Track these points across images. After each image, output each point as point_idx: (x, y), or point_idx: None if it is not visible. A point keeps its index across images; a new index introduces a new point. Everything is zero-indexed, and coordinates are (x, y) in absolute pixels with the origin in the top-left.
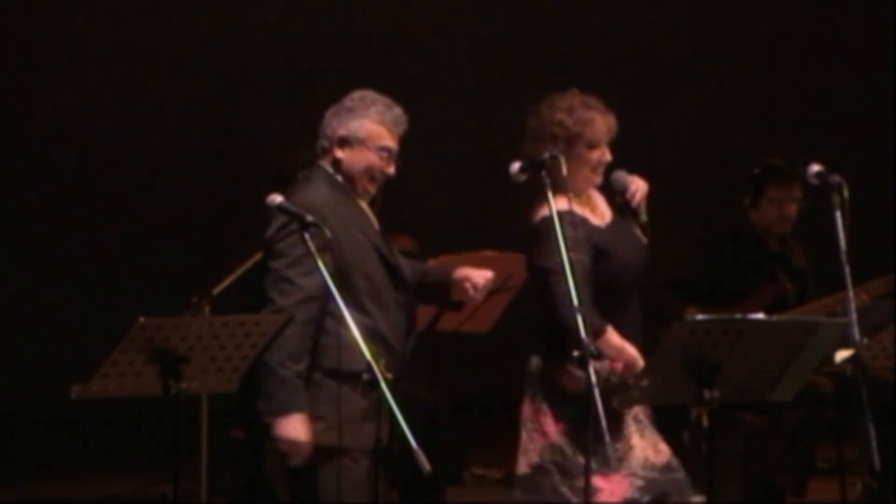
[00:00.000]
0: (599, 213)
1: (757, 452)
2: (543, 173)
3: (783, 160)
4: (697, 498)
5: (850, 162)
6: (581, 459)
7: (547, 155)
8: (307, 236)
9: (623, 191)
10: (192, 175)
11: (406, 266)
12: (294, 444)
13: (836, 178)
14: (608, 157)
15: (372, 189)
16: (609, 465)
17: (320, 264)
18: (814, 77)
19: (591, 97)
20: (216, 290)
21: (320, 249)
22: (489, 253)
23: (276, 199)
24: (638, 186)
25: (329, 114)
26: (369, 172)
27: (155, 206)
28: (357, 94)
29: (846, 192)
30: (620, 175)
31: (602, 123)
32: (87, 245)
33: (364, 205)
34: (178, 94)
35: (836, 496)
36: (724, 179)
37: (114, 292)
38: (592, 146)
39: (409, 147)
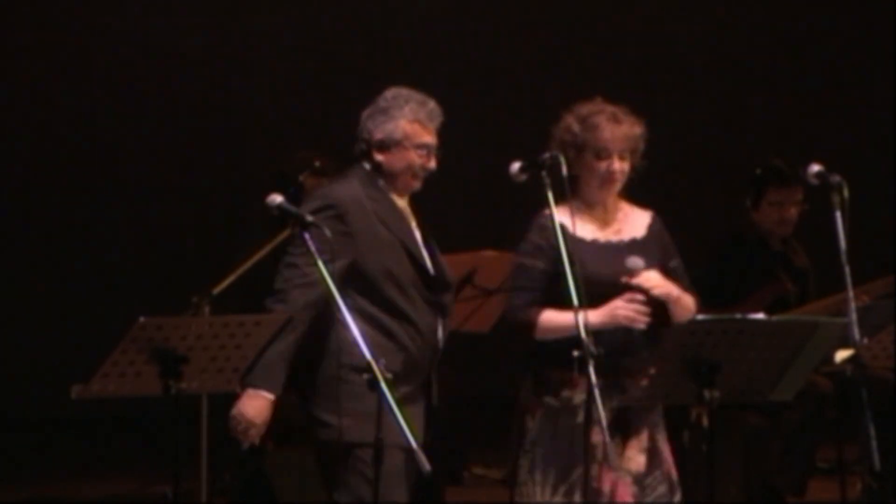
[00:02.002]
0: (612, 228)
1: (757, 452)
2: (543, 173)
3: (785, 161)
4: None
5: (850, 162)
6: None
7: (546, 155)
8: (307, 236)
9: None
10: (193, 175)
11: (445, 268)
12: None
13: (836, 178)
14: (616, 167)
15: (416, 185)
16: (609, 465)
17: (320, 264)
18: (814, 77)
19: (615, 106)
20: (216, 290)
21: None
22: (489, 253)
23: (276, 199)
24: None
25: (364, 116)
26: (411, 171)
27: (155, 206)
28: (390, 93)
29: (846, 192)
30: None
31: (609, 133)
32: (87, 245)
33: (402, 203)
34: (179, 93)
35: (836, 496)
36: (726, 179)
37: (114, 292)
38: (599, 156)
39: None
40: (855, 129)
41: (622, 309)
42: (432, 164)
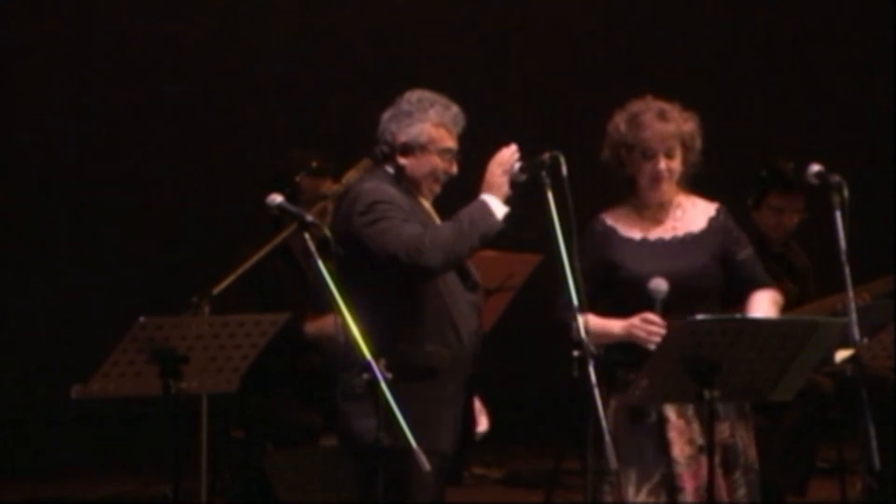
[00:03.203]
0: (668, 225)
1: (757, 452)
2: (543, 173)
3: (791, 163)
4: None
5: (850, 162)
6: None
7: (546, 155)
8: (307, 236)
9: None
10: (192, 175)
11: (474, 268)
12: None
13: (836, 178)
14: (662, 166)
15: (437, 189)
16: (609, 466)
17: (320, 264)
18: (814, 77)
19: (664, 103)
20: (216, 290)
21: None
22: (489, 252)
23: (277, 198)
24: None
25: (386, 118)
26: (434, 175)
27: (155, 206)
28: (414, 96)
29: (846, 192)
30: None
31: (652, 132)
32: (87, 245)
33: (427, 204)
34: (179, 93)
35: (836, 496)
36: (725, 179)
37: (114, 292)
38: (646, 155)
39: None
40: (855, 129)
41: (636, 329)
42: (454, 168)
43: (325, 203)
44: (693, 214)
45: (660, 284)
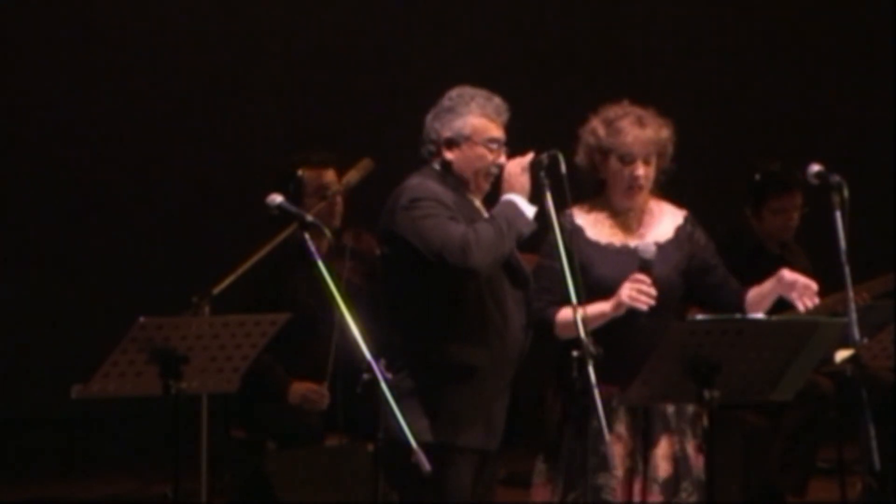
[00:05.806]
0: (636, 232)
1: (757, 452)
2: (542, 174)
3: (782, 163)
4: None
5: (850, 162)
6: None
7: (545, 155)
8: (307, 236)
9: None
10: (193, 175)
11: (524, 264)
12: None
13: (836, 178)
14: (640, 172)
15: (486, 186)
16: (609, 465)
17: (320, 264)
18: (814, 77)
19: (640, 109)
20: (216, 290)
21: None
22: None
23: (276, 198)
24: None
25: (429, 118)
26: (484, 168)
27: (155, 206)
28: (454, 92)
29: (846, 192)
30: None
31: (633, 137)
32: (86, 245)
33: (478, 202)
34: (179, 93)
35: (836, 496)
36: (726, 180)
37: (114, 292)
38: (624, 161)
39: (411, 146)
40: (855, 129)
41: (624, 289)
42: (503, 159)
43: (326, 203)
44: (661, 222)
45: (649, 246)
